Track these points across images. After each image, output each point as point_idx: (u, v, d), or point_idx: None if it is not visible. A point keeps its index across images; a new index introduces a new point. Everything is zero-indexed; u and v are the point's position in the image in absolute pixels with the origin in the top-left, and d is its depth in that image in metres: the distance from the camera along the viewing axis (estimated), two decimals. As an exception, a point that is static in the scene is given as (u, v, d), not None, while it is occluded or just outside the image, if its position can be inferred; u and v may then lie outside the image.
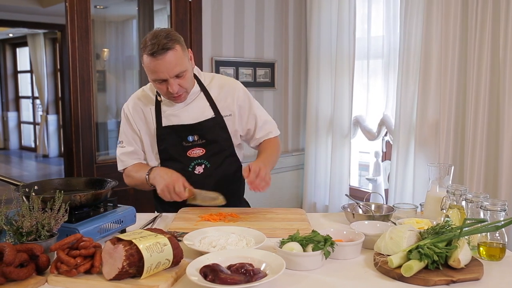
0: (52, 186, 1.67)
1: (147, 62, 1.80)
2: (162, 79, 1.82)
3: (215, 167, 2.02)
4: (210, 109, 2.00)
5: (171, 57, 1.78)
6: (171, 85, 1.83)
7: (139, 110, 2.03)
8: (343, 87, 3.74)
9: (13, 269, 1.19)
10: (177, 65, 1.81)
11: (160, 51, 1.76)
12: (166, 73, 1.80)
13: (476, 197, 1.46)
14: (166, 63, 1.78)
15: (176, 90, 1.85)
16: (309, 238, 1.36)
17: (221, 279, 1.15)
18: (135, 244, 1.20)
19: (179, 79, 1.84)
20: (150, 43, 1.77)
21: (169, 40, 1.78)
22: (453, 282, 1.21)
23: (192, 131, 1.97)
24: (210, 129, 1.98)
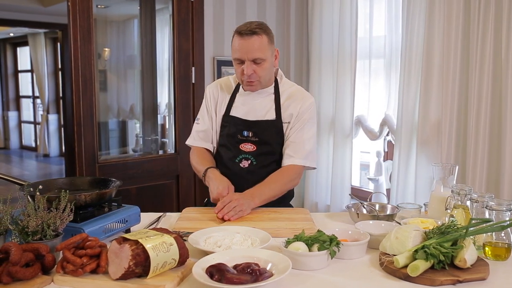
0: (56, 186, 1.67)
1: (234, 40, 1.97)
2: (240, 59, 1.95)
3: (261, 166, 2.06)
4: (273, 111, 2.06)
5: (255, 41, 1.92)
6: (247, 67, 1.94)
7: (217, 93, 2.16)
8: (344, 87, 3.74)
9: (19, 268, 1.19)
10: (258, 50, 1.92)
11: (248, 32, 1.92)
12: (245, 54, 1.93)
13: (482, 197, 1.46)
14: (248, 44, 1.92)
15: (249, 73, 1.95)
16: (314, 238, 1.36)
17: (227, 279, 1.15)
18: (141, 243, 1.20)
19: (256, 65, 1.95)
20: (243, 26, 1.96)
21: (259, 28, 1.94)
22: (459, 282, 1.21)
23: (249, 127, 2.05)
24: (266, 129, 2.05)
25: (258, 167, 2.05)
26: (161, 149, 4.27)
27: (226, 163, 2.09)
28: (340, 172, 3.85)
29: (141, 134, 4.35)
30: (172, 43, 3.64)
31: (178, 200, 3.71)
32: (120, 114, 4.53)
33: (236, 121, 2.07)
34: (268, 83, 2.07)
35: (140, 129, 4.39)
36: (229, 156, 2.08)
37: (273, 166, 2.08)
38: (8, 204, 1.37)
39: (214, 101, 2.17)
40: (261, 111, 2.06)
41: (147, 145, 4.24)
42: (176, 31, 3.58)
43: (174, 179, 3.70)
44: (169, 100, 4.07)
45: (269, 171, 2.05)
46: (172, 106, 3.96)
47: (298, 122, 2.06)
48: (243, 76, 1.97)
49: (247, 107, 2.07)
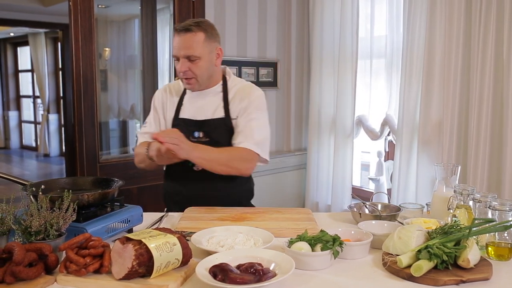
0: (59, 186, 1.67)
1: (174, 37, 1.96)
2: (176, 56, 1.94)
3: None
4: (222, 109, 2.02)
5: (188, 38, 1.90)
6: (181, 64, 1.93)
7: (165, 97, 2.13)
8: (345, 86, 3.74)
9: (23, 268, 1.19)
10: (191, 48, 1.90)
11: (182, 30, 1.91)
12: (179, 50, 1.92)
13: (484, 197, 1.46)
14: (182, 41, 1.91)
15: (182, 70, 1.93)
16: (317, 237, 1.36)
17: (230, 279, 1.15)
18: (144, 243, 1.20)
19: (191, 63, 1.92)
20: (182, 23, 1.94)
21: (196, 25, 1.92)
22: (463, 282, 1.21)
23: (199, 127, 2.01)
24: (216, 128, 2.01)
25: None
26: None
27: (179, 170, 2.02)
28: (341, 172, 3.85)
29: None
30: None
31: (179, 200, 3.71)
32: (121, 114, 4.53)
33: (186, 122, 2.02)
34: (211, 82, 2.03)
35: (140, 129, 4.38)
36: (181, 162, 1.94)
37: None
38: (11, 204, 1.36)
39: (161, 105, 2.13)
40: (209, 110, 2.02)
41: (148, 145, 4.23)
42: (177, 31, 3.58)
43: (175, 179, 3.69)
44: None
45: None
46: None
47: (245, 112, 1.99)
48: (179, 73, 1.96)
49: (196, 108, 2.04)
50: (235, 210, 1.89)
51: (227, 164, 1.89)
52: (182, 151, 1.75)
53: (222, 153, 1.90)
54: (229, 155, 1.91)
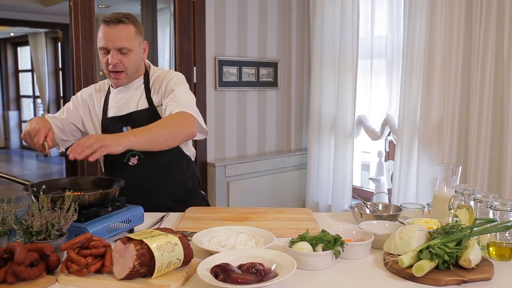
0: (59, 186, 1.67)
1: (100, 29, 1.90)
2: (106, 49, 1.89)
3: (149, 158, 1.97)
4: (145, 100, 1.99)
5: (121, 30, 1.88)
6: (112, 56, 1.88)
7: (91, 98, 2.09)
8: (346, 86, 3.74)
9: (24, 268, 1.19)
10: (124, 40, 1.88)
11: (114, 21, 1.88)
12: (111, 43, 1.87)
13: (486, 197, 1.46)
14: (114, 32, 1.87)
15: (114, 62, 1.89)
16: (319, 237, 1.36)
17: (232, 279, 1.15)
18: (146, 243, 1.20)
19: (122, 55, 1.90)
20: (109, 15, 1.90)
21: (127, 18, 1.90)
22: (464, 282, 1.21)
23: (126, 122, 1.97)
24: (142, 120, 1.91)
25: (147, 159, 1.97)
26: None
27: (116, 167, 1.99)
28: (341, 172, 3.85)
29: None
30: (174, 43, 3.64)
31: (180, 200, 3.71)
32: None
33: (113, 120, 1.99)
34: (135, 76, 2.01)
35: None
36: (115, 158, 1.89)
37: (161, 153, 1.89)
38: (12, 203, 1.36)
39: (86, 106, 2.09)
40: (133, 103, 1.99)
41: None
42: (178, 31, 3.58)
43: (176, 179, 3.69)
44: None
45: (159, 160, 1.97)
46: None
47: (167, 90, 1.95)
48: (108, 66, 1.91)
49: (120, 104, 2.00)
50: (236, 211, 1.89)
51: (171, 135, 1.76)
52: (112, 147, 1.57)
53: (158, 127, 1.73)
54: (166, 125, 1.75)
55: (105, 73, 1.98)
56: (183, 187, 2.09)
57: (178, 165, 2.06)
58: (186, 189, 2.11)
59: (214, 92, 3.75)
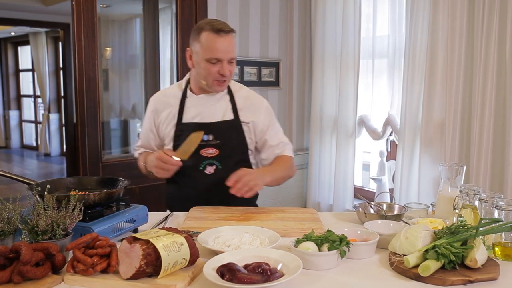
0: (64, 185, 1.67)
1: (209, 38, 1.85)
2: (217, 59, 1.87)
3: (226, 169, 1.96)
4: (231, 112, 2.01)
5: (231, 40, 1.89)
6: (225, 67, 1.88)
7: (164, 103, 2.07)
8: (347, 86, 3.74)
9: (30, 268, 1.19)
10: (234, 49, 1.91)
11: (226, 30, 1.86)
12: (225, 53, 1.87)
13: (491, 197, 1.46)
14: (227, 42, 1.87)
15: (227, 74, 1.90)
16: (324, 237, 1.36)
17: (238, 279, 1.15)
18: (152, 243, 1.20)
19: (230, 65, 1.91)
20: (213, 23, 1.86)
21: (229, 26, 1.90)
22: (470, 282, 1.21)
23: (208, 130, 1.97)
24: (226, 131, 1.98)
25: (224, 170, 1.95)
26: (163, 149, 4.26)
27: (189, 173, 1.99)
28: (343, 172, 3.85)
29: (143, 134, 4.34)
30: (176, 43, 3.64)
31: (181, 199, 3.71)
32: (122, 114, 4.53)
33: (193, 126, 1.97)
34: None
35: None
36: (191, 164, 1.95)
37: (239, 166, 1.94)
38: (18, 203, 1.36)
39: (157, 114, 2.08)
40: (217, 113, 2.00)
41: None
42: (180, 31, 3.58)
43: (177, 179, 3.69)
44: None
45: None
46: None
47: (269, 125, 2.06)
48: (217, 76, 1.90)
49: (202, 111, 2.00)
50: (240, 210, 1.89)
51: (287, 176, 2.04)
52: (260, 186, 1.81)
53: (282, 168, 2.00)
54: (285, 167, 2.02)
55: (207, 82, 1.95)
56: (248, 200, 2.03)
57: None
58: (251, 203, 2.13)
59: (216, 92, 3.75)
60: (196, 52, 1.92)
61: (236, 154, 2.02)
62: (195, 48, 1.92)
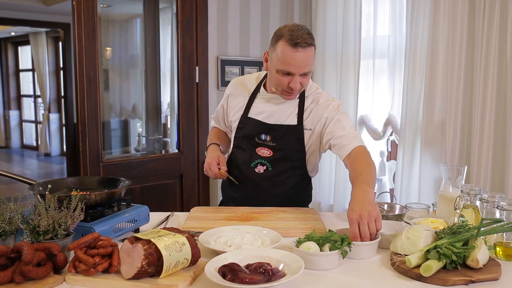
0: (65, 185, 1.67)
1: (284, 51, 1.76)
2: (289, 72, 1.79)
3: (276, 173, 1.97)
4: (296, 117, 1.95)
5: (308, 54, 1.77)
6: (295, 81, 1.80)
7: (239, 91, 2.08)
8: (348, 86, 3.74)
9: (32, 268, 1.19)
10: (310, 64, 1.81)
11: (304, 44, 1.75)
12: (298, 68, 1.78)
13: (492, 197, 1.46)
14: (302, 58, 1.76)
15: (298, 88, 1.83)
16: (325, 237, 1.36)
17: (240, 279, 1.15)
18: (154, 243, 1.20)
19: (303, 77, 1.82)
20: (293, 34, 1.75)
21: (311, 37, 1.79)
22: (472, 282, 1.21)
23: (267, 130, 1.95)
24: (284, 135, 1.94)
25: (273, 173, 1.96)
26: (163, 149, 4.27)
27: (240, 166, 2.01)
28: (344, 172, 3.84)
29: (144, 134, 4.35)
30: (176, 43, 3.64)
31: (182, 199, 3.71)
32: (122, 114, 4.53)
33: (255, 123, 1.97)
34: None
35: (143, 129, 4.39)
36: (244, 159, 2.00)
37: (290, 172, 1.98)
38: (19, 203, 1.36)
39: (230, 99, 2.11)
40: (282, 115, 1.94)
41: (150, 145, 4.24)
42: (180, 31, 3.58)
43: (178, 179, 3.70)
44: (171, 100, 4.07)
45: (284, 178, 1.98)
46: (174, 106, 3.96)
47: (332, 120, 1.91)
48: (287, 87, 1.83)
49: (268, 110, 1.96)
50: (241, 210, 1.89)
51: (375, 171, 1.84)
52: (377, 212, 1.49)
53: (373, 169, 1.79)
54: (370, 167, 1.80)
55: (276, 90, 1.90)
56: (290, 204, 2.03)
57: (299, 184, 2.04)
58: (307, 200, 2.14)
59: (216, 92, 3.75)
60: (271, 58, 1.85)
61: (289, 159, 1.97)
62: (271, 54, 1.85)
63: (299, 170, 2.01)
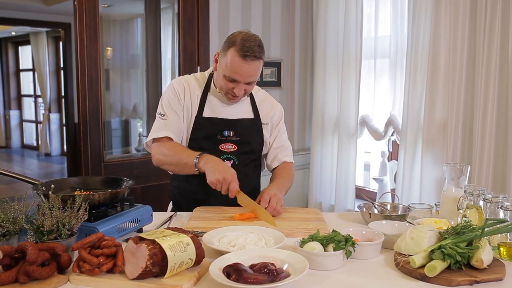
0: (68, 185, 1.67)
1: (233, 60, 1.84)
2: (235, 80, 1.88)
3: (243, 165, 2.05)
4: (251, 112, 2.08)
5: (256, 66, 1.87)
6: (239, 89, 1.90)
7: (187, 91, 2.04)
8: (349, 86, 3.74)
9: (36, 268, 1.19)
10: (256, 75, 1.90)
11: (252, 57, 1.84)
12: (244, 78, 1.87)
13: (496, 197, 1.46)
14: (249, 69, 1.85)
15: (241, 94, 1.93)
16: (329, 237, 1.36)
17: (244, 279, 1.15)
18: (158, 243, 1.20)
19: (247, 85, 1.91)
20: (244, 45, 1.84)
21: (262, 50, 1.88)
22: (477, 283, 1.21)
23: (229, 126, 2.01)
24: (246, 129, 2.05)
25: (240, 166, 2.03)
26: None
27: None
28: (345, 172, 3.84)
29: (145, 134, 4.35)
30: (178, 42, 3.64)
31: (183, 199, 3.71)
32: (123, 113, 4.53)
33: (215, 121, 2.00)
34: None
35: (144, 129, 4.39)
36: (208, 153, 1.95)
37: (253, 164, 2.10)
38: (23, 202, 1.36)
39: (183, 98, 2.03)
40: (239, 110, 2.04)
41: (151, 145, 4.23)
42: (182, 30, 3.58)
43: (179, 179, 3.69)
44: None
45: (250, 169, 2.08)
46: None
47: (276, 129, 2.15)
48: (231, 92, 1.92)
49: (225, 108, 2.02)
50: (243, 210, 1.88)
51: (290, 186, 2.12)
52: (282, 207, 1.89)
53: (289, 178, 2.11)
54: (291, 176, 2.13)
55: (221, 91, 1.97)
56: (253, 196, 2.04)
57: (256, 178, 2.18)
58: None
59: (217, 92, 3.75)
60: (220, 62, 1.92)
61: (253, 152, 2.08)
62: (221, 58, 1.91)
63: (258, 161, 2.15)
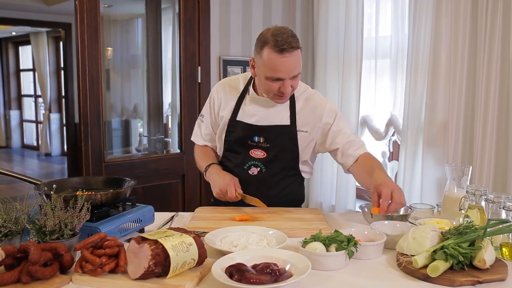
0: (70, 185, 1.67)
1: (271, 58, 1.74)
2: (279, 78, 1.78)
3: (270, 174, 1.97)
4: (288, 118, 1.94)
5: (296, 57, 1.75)
6: (286, 85, 1.78)
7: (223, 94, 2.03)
8: (350, 87, 3.74)
9: (39, 268, 1.19)
10: (298, 66, 1.78)
11: (289, 50, 1.72)
12: (287, 73, 1.76)
13: (498, 198, 1.46)
14: (290, 62, 1.74)
15: (289, 91, 1.81)
16: (332, 238, 1.36)
17: (247, 279, 1.15)
18: (161, 243, 1.20)
19: (292, 80, 1.80)
20: (277, 39, 1.73)
21: (296, 39, 1.76)
22: (479, 283, 1.21)
23: (260, 132, 1.94)
24: (278, 136, 1.94)
25: (267, 175, 1.96)
26: (164, 149, 4.27)
27: (233, 169, 2.00)
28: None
29: (145, 134, 4.35)
30: (179, 43, 3.64)
31: (184, 199, 3.71)
32: (124, 114, 4.53)
33: (245, 126, 1.95)
34: None
35: (145, 129, 4.39)
36: (237, 161, 1.99)
37: (285, 173, 1.99)
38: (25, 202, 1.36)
39: (218, 103, 2.04)
40: (274, 116, 1.94)
41: (152, 145, 4.24)
42: (183, 31, 3.58)
43: (180, 179, 3.70)
44: (173, 100, 4.07)
45: (278, 179, 1.99)
46: (175, 106, 3.96)
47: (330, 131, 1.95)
48: (278, 92, 1.82)
49: (260, 113, 1.95)
50: (245, 211, 1.89)
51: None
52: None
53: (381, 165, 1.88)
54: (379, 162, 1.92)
55: (267, 95, 1.89)
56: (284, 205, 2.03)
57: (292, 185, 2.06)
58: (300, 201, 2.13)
59: (218, 92, 3.75)
60: (258, 66, 1.83)
61: (283, 160, 1.97)
62: (257, 61, 1.82)
63: (292, 170, 2.02)
